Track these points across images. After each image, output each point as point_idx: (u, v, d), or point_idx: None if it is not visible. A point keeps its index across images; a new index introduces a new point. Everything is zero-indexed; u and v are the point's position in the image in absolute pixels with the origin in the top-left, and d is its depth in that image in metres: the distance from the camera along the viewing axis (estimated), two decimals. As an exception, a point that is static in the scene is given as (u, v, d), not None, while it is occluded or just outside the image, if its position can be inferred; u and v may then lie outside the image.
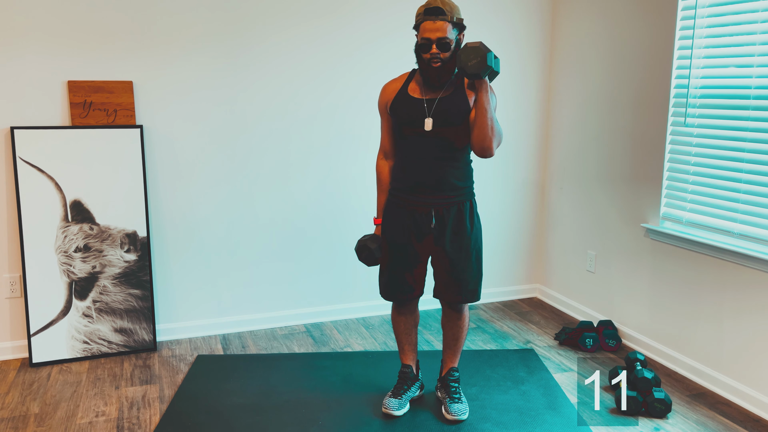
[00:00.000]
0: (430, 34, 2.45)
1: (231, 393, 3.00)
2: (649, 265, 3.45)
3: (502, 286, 4.33)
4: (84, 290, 3.35)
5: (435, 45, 2.46)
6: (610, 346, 3.52)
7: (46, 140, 3.22)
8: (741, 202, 2.97)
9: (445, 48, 2.47)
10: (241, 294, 3.74)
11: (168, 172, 3.50)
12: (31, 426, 2.74)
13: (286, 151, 3.69)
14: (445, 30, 2.45)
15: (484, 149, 2.49)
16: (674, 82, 3.25)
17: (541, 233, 4.35)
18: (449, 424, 2.76)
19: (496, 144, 2.52)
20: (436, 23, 2.45)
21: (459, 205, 2.64)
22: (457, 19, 2.48)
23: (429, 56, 2.48)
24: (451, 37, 2.47)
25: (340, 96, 3.74)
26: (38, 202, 3.24)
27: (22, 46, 3.17)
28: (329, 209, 3.83)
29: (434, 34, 2.45)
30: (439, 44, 2.46)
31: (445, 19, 2.45)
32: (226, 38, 3.48)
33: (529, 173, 4.25)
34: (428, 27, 2.46)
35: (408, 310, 2.84)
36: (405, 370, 2.89)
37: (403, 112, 2.60)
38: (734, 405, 2.96)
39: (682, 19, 3.19)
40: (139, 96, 3.38)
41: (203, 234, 3.61)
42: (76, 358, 3.36)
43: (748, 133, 2.91)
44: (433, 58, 2.48)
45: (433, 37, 2.45)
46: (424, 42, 2.48)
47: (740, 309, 2.96)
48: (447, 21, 2.45)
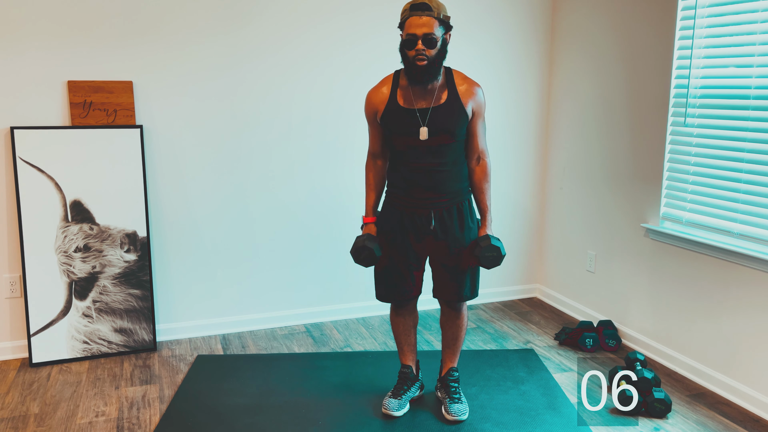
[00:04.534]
0: (415, 30, 2.39)
1: (231, 393, 3.00)
2: (649, 265, 3.45)
3: (502, 286, 4.33)
4: (84, 290, 3.35)
5: (420, 41, 2.39)
6: (610, 346, 3.52)
7: (46, 140, 3.22)
8: (741, 202, 2.97)
9: (431, 45, 2.40)
10: (241, 294, 3.74)
11: (168, 172, 3.50)
12: (31, 426, 2.74)
13: (286, 151, 3.69)
14: (431, 26, 2.39)
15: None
16: (674, 82, 3.25)
17: (541, 233, 4.35)
18: (449, 424, 2.76)
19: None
20: (422, 18, 2.39)
21: (458, 205, 2.64)
22: (444, 17, 2.43)
23: (414, 53, 2.42)
24: (437, 34, 2.41)
25: (342, 94, 3.74)
26: (38, 202, 3.24)
27: (22, 46, 3.17)
28: (330, 209, 3.83)
29: (420, 29, 2.39)
30: (425, 40, 2.39)
31: (432, 15, 2.39)
32: (226, 38, 3.48)
33: (529, 173, 4.25)
34: (414, 22, 2.40)
35: (407, 311, 2.84)
36: (405, 370, 2.89)
37: (396, 124, 2.55)
38: (734, 405, 2.96)
39: (682, 19, 3.19)
40: (139, 96, 3.38)
41: (203, 234, 3.61)
42: (76, 358, 3.36)
43: (748, 133, 2.91)
44: (418, 55, 2.41)
45: (419, 33, 2.39)
46: (409, 38, 2.41)
47: (740, 309, 2.96)
48: (434, 17, 2.39)
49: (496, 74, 4.03)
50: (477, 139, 2.62)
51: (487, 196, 2.67)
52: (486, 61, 3.99)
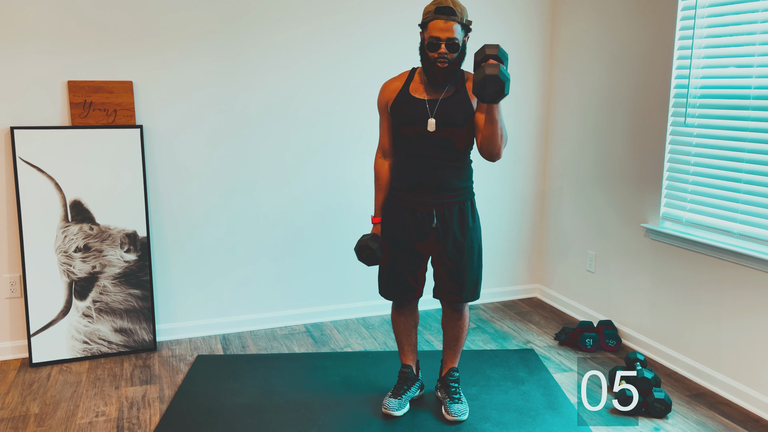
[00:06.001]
0: (440, 33, 2.43)
1: (231, 393, 3.00)
2: (649, 265, 3.45)
3: (502, 286, 4.33)
4: (84, 290, 3.35)
5: (444, 45, 2.44)
6: (610, 346, 3.52)
7: (46, 140, 3.22)
8: (741, 202, 2.97)
9: (453, 49, 2.45)
10: (241, 294, 3.74)
11: (168, 172, 3.50)
12: (31, 426, 2.74)
13: (286, 151, 3.69)
14: (454, 31, 2.43)
15: (493, 155, 2.51)
16: (674, 82, 3.25)
17: (541, 233, 4.35)
18: (449, 424, 2.76)
19: (504, 148, 2.55)
20: (448, 23, 2.43)
21: (460, 205, 2.64)
22: (466, 21, 2.48)
23: (436, 55, 2.46)
24: (459, 38, 2.46)
25: (340, 95, 3.74)
26: (38, 202, 3.24)
27: (22, 46, 3.17)
28: (329, 208, 3.83)
29: (444, 33, 2.43)
30: (449, 45, 2.44)
31: (456, 20, 2.43)
32: (226, 38, 3.48)
33: (529, 173, 4.25)
34: (439, 26, 2.43)
35: (408, 311, 2.84)
36: (405, 370, 2.89)
37: (405, 112, 2.59)
38: (734, 405, 2.96)
39: (682, 19, 3.19)
40: (139, 96, 3.38)
41: (203, 234, 3.61)
42: (76, 358, 3.36)
43: (748, 133, 2.91)
44: (440, 58, 2.46)
45: (443, 37, 2.43)
46: (432, 41, 2.45)
47: (740, 309, 2.96)
48: (457, 22, 2.44)
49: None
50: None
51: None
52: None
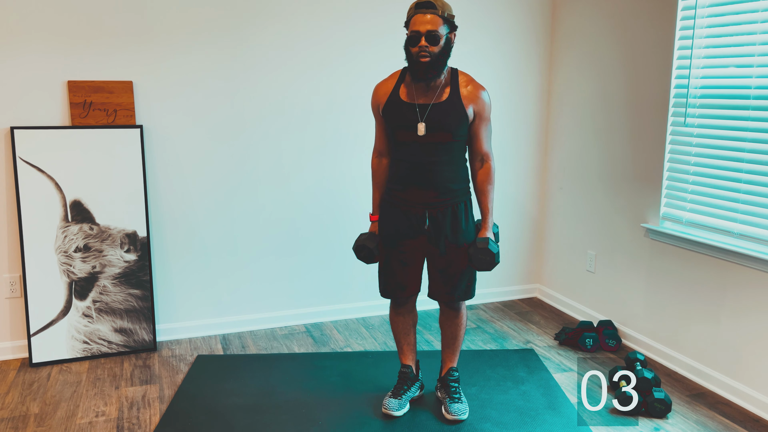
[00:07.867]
0: (419, 27, 2.44)
1: (231, 393, 3.00)
2: (649, 265, 3.45)
3: (502, 286, 4.33)
4: (84, 290, 3.35)
5: (424, 38, 2.44)
6: (610, 346, 3.52)
7: (46, 140, 3.22)
8: (741, 202, 2.97)
9: (434, 41, 2.44)
10: (241, 294, 3.74)
11: (168, 172, 3.50)
12: (31, 426, 2.74)
13: (286, 151, 3.69)
14: (435, 24, 2.43)
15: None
16: (674, 82, 3.25)
17: (541, 233, 4.35)
18: (449, 424, 2.76)
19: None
20: (426, 16, 2.43)
21: (453, 207, 2.64)
22: (448, 15, 2.47)
23: (417, 49, 2.45)
24: (442, 32, 2.45)
25: (339, 93, 3.74)
26: (38, 202, 3.24)
27: (23, 47, 3.17)
28: (329, 208, 3.83)
29: (424, 26, 2.43)
30: (429, 37, 2.43)
31: (436, 13, 2.44)
32: (226, 37, 3.48)
33: (529, 173, 4.25)
34: (418, 20, 2.45)
35: (406, 310, 2.84)
36: (405, 370, 2.89)
37: (395, 116, 2.58)
38: (734, 405, 2.96)
39: (682, 19, 3.19)
40: (139, 96, 3.38)
41: (203, 234, 3.61)
42: (76, 358, 3.36)
43: (748, 133, 2.91)
44: (421, 51, 2.45)
45: (422, 30, 2.43)
46: (413, 35, 2.46)
47: (740, 309, 2.96)
48: (438, 15, 2.44)
49: (495, 74, 4.03)
50: (480, 142, 2.63)
51: (489, 199, 2.69)
52: (486, 61, 3.99)
